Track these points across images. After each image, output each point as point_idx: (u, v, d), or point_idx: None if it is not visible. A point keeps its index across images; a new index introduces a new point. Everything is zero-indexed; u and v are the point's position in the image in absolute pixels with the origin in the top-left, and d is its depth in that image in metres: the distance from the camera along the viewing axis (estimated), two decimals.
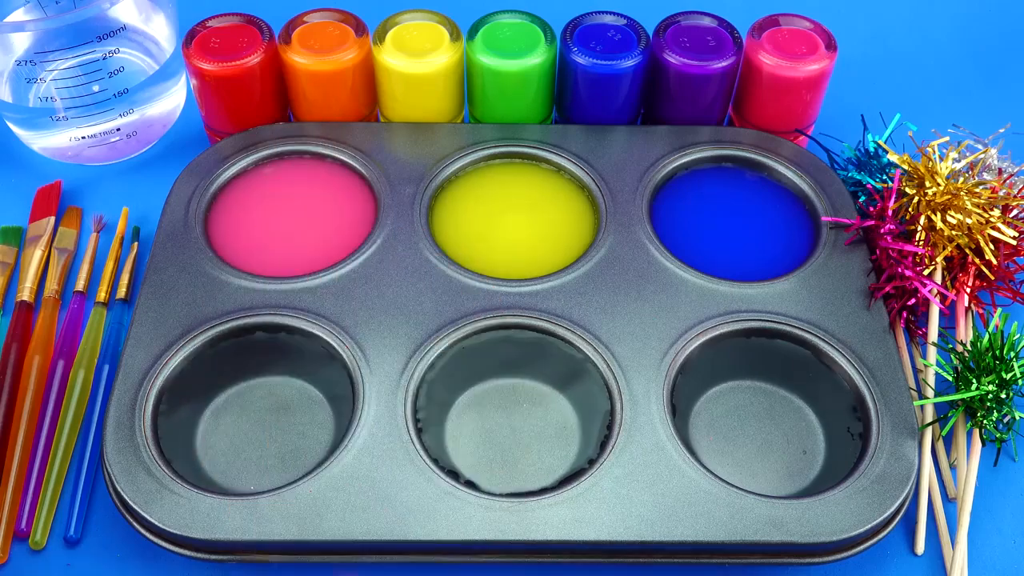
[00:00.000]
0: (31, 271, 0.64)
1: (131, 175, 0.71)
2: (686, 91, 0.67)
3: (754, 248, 0.63)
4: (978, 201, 0.60)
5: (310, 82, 0.66)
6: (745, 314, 0.58)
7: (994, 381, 0.55)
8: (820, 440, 0.57)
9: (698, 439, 0.57)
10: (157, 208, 0.66)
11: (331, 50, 0.65)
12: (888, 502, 0.51)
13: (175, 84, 0.71)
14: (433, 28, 0.67)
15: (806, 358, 0.58)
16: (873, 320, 0.58)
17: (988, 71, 0.80)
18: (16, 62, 0.66)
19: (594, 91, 0.66)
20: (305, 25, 0.66)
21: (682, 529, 0.50)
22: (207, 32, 0.66)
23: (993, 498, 0.57)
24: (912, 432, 0.54)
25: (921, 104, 0.76)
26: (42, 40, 0.63)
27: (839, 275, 0.60)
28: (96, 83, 0.65)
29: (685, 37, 0.67)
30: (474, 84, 0.68)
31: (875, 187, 0.64)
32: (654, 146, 0.67)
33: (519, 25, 0.67)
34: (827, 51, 0.66)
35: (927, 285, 0.59)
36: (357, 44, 0.66)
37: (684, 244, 0.63)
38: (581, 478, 0.52)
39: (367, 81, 0.67)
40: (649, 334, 0.57)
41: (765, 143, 0.67)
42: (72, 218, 0.68)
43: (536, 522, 0.50)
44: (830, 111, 0.73)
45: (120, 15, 0.66)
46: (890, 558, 0.55)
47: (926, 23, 0.82)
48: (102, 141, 0.69)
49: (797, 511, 0.51)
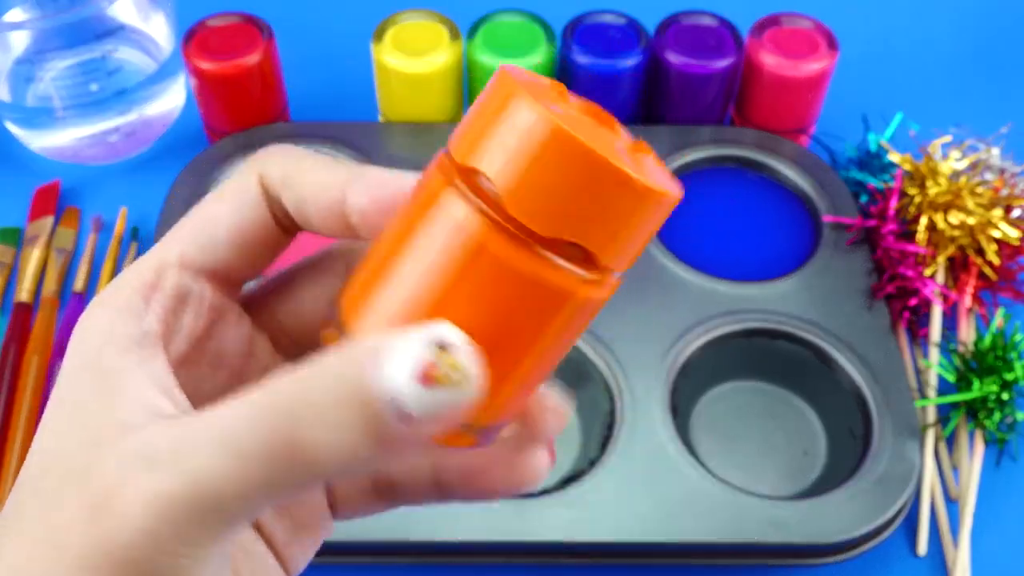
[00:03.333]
0: (29, 271, 0.64)
1: (130, 175, 0.71)
2: (686, 91, 0.67)
3: (755, 248, 0.63)
4: (980, 201, 0.60)
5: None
6: (746, 314, 0.58)
7: (996, 382, 0.55)
8: (821, 441, 0.57)
9: (699, 439, 0.57)
10: (156, 208, 0.66)
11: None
12: (890, 503, 0.51)
13: (174, 84, 0.71)
14: (433, 28, 0.67)
15: (807, 358, 0.58)
16: (875, 320, 0.58)
17: (990, 70, 0.79)
18: (15, 61, 0.66)
19: (594, 91, 0.66)
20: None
21: (682, 530, 0.50)
22: (206, 31, 0.66)
23: (995, 499, 0.57)
24: (914, 433, 0.54)
25: (923, 104, 0.76)
26: (40, 39, 0.63)
27: (840, 275, 0.60)
28: (94, 82, 0.65)
29: (686, 37, 0.67)
30: (474, 84, 0.67)
31: (877, 187, 0.64)
32: (654, 146, 0.67)
33: (519, 25, 0.67)
34: (829, 50, 0.66)
35: (929, 285, 0.59)
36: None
37: (684, 244, 0.63)
38: (582, 479, 0.52)
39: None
40: (650, 334, 0.57)
41: (766, 143, 0.67)
42: (71, 218, 0.67)
43: (536, 522, 0.50)
44: (831, 111, 0.73)
45: (118, 14, 0.66)
46: (892, 559, 0.55)
47: (928, 22, 0.82)
48: (100, 140, 0.69)
49: (798, 512, 0.51)
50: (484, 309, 0.22)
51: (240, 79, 0.65)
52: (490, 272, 0.22)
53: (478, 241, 0.21)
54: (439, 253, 0.22)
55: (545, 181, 0.21)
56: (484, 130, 0.22)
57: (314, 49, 0.78)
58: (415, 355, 0.21)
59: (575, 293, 0.22)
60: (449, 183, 0.22)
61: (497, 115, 0.21)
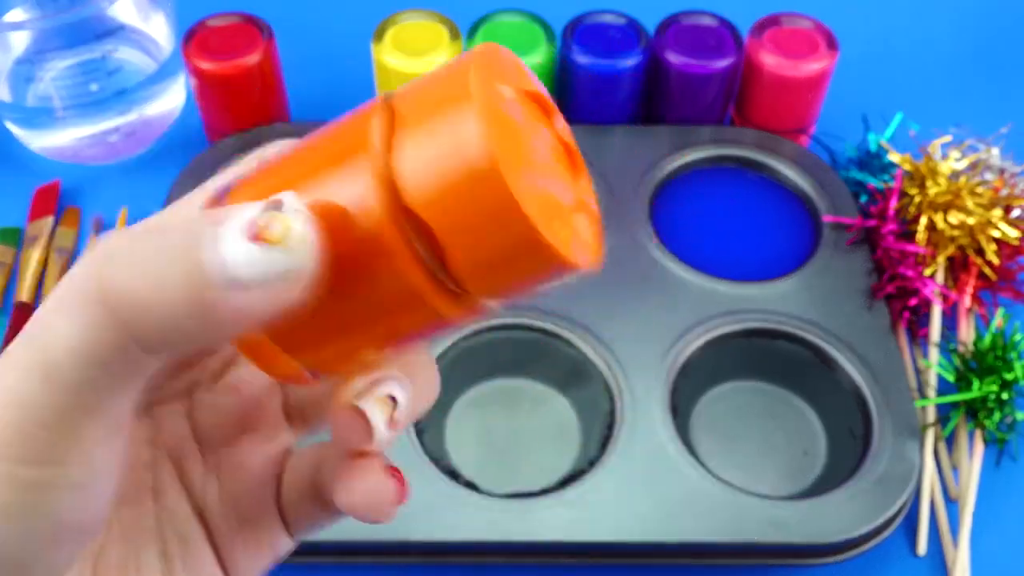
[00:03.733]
0: (30, 272, 0.64)
1: (130, 175, 0.71)
2: (686, 91, 0.67)
3: (755, 248, 0.63)
4: (980, 201, 0.60)
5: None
6: (746, 314, 0.58)
7: (996, 381, 0.55)
8: (821, 441, 0.57)
9: (699, 439, 0.57)
10: (156, 208, 0.66)
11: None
12: (890, 503, 0.51)
13: (174, 84, 0.71)
14: (433, 28, 0.67)
15: (807, 358, 0.58)
16: (875, 320, 0.58)
17: (990, 70, 0.79)
18: (15, 61, 0.66)
19: (594, 91, 0.66)
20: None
21: (682, 530, 0.50)
22: (206, 31, 0.66)
23: (995, 499, 0.57)
24: (914, 433, 0.54)
25: (923, 104, 0.76)
26: (40, 39, 0.63)
27: (840, 275, 0.60)
28: (94, 82, 0.65)
29: (686, 37, 0.67)
30: None
31: (877, 187, 0.64)
32: (654, 146, 0.67)
33: (519, 25, 0.67)
34: (828, 50, 0.66)
35: (929, 285, 0.59)
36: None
37: (684, 244, 0.63)
38: (582, 478, 0.52)
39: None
40: (650, 334, 0.57)
41: (766, 143, 0.67)
42: (71, 218, 0.67)
43: (536, 522, 0.50)
44: (831, 111, 0.73)
45: (118, 14, 0.66)
46: (892, 559, 0.55)
47: (928, 22, 0.82)
48: (100, 140, 0.69)
49: (798, 512, 0.51)
50: (342, 253, 0.22)
51: (240, 79, 0.65)
52: (365, 229, 0.21)
53: (370, 204, 0.21)
54: (333, 183, 0.22)
55: (455, 196, 0.21)
56: (427, 109, 0.21)
57: (314, 49, 0.78)
58: (250, 216, 0.20)
59: (428, 300, 0.22)
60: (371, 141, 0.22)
61: (442, 105, 0.21)
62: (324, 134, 0.23)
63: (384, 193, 0.21)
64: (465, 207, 0.21)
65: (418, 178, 0.21)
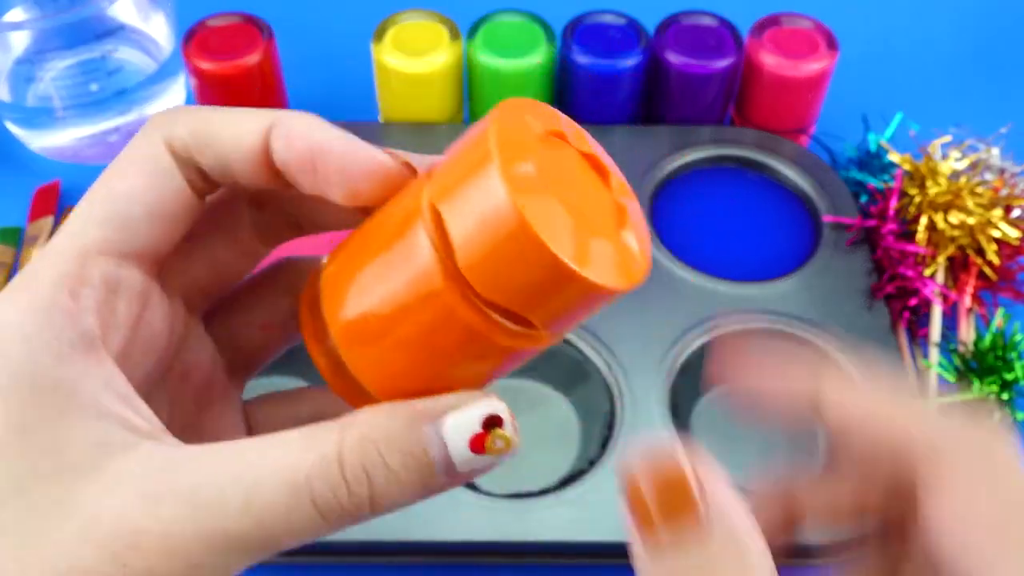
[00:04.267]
0: None
1: None
2: (686, 91, 0.67)
3: (755, 248, 0.63)
4: (980, 201, 0.60)
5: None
6: (746, 314, 0.58)
7: (996, 381, 0.55)
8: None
9: (699, 439, 0.57)
10: None
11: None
12: None
13: (174, 84, 0.71)
14: (433, 28, 0.67)
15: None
16: (874, 320, 0.58)
17: (990, 70, 0.79)
18: (15, 61, 0.66)
19: (594, 91, 0.66)
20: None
21: None
22: (206, 31, 0.66)
23: None
24: None
25: (923, 103, 0.76)
26: (40, 39, 0.63)
27: (840, 275, 0.60)
28: (94, 82, 0.65)
29: (686, 37, 0.67)
30: (474, 84, 0.67)
31: (877, 187, 0.64)
32: (654, 146, 0.67)
33: (519, 25, 0.67)
34: (828, 50, 0.66)
35: (929, 285, 0.59)
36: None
37: (684, 244, 0.63)
38: (582, 478, 0.52)
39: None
40: (650, 334, 0.57)
41: (766, 143, 0.67)
42: None
43: (536, 522, 0.50)
44: (831, 110, 0.73)
45: (118, 14, 0.66)
46: None
47: (928, 22, 0.82)
48: (100, 140, 0.69)
49: None
50: (430, 337, 0.25)
51: (240, 79, 0.65)
52: (436, 310, 0.24)
53: (433, 283, 0.24)
54: (403, 285, 0.24)
55: (496, 255, 0.23)
56: (457, 178, 0.24)
57: (314, 49, 0.78)
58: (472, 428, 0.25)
59: (504, 343, 0.25)
60: (420, 214, 0.24)
61: (470, 171, 0.23)
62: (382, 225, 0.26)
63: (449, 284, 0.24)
64: (511, 267, 0.23)
65: (470, 261, 0.23)
